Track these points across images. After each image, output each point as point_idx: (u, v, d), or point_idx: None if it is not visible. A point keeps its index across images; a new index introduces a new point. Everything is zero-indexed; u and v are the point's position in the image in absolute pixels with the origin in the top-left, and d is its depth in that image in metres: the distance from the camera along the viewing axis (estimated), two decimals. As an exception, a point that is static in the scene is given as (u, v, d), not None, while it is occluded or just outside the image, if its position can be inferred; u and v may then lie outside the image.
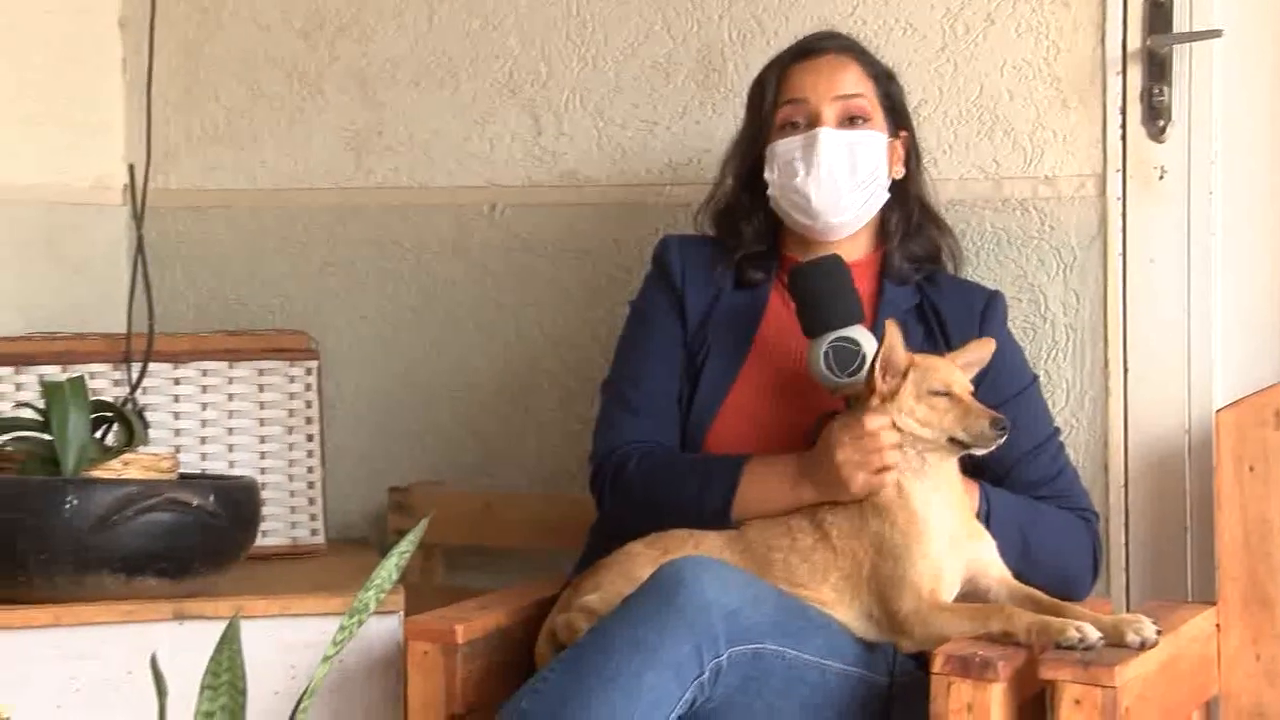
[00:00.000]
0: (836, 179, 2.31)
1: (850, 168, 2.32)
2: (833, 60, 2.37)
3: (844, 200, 2.33)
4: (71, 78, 3.11)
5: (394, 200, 3.03)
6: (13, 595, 2.36)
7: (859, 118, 2.34)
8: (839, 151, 2.32)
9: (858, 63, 2.38)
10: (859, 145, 2.33)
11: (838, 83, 2.35)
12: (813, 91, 2.34)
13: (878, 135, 2.35)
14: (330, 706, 2.35)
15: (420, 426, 3.01)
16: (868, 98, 2.36)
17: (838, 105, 2.34)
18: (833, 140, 2.32)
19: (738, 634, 2.00)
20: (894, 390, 2.14)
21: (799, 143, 2.33)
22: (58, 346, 2.84)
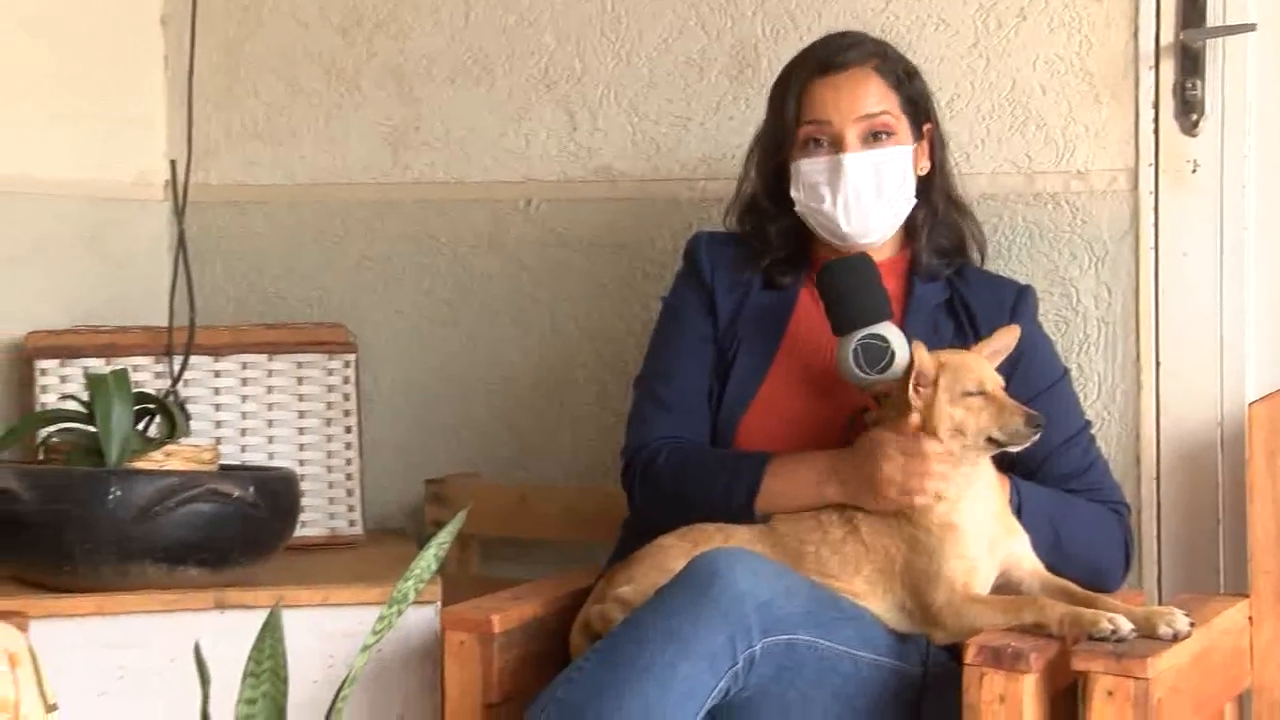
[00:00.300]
0: (864, 202, 2.31)
1: (876, 189, 2.31)
2: (854, 77, 2.32)
3: (872, 221, 2.32)
4: (114, 75, 3.12)
5: (430, 195, 3.03)
6: (58, 584, 2.39)
7: (883, 133, 2.32)
8: (864, 174, 2.30)
9: (878, 75, 2.33)
10: (884, 164, 2.31)
11: (860, 102, 2.31)
12: (835, 112, 2.31)
13: (902, 149, 2.33)
14: (369, 695, 2.37)
15: (456, 419, 3.01)
16: (891, 112, 2.33)
17: (861, 125, 2.31)
18: (857, 165, 2.29)
19: (771, 624, 2.00)
20: (928, 402, 2.13)
21: (823, 165, 2.31)
22: (101, 340, 2.86)
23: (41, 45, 2.96)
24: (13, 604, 2.27)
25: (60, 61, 3.00)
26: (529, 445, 2.96)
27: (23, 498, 2.37)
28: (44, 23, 2.97)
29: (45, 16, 2.97)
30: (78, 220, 3.05)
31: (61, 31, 3.00)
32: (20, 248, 2.94)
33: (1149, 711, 1.90)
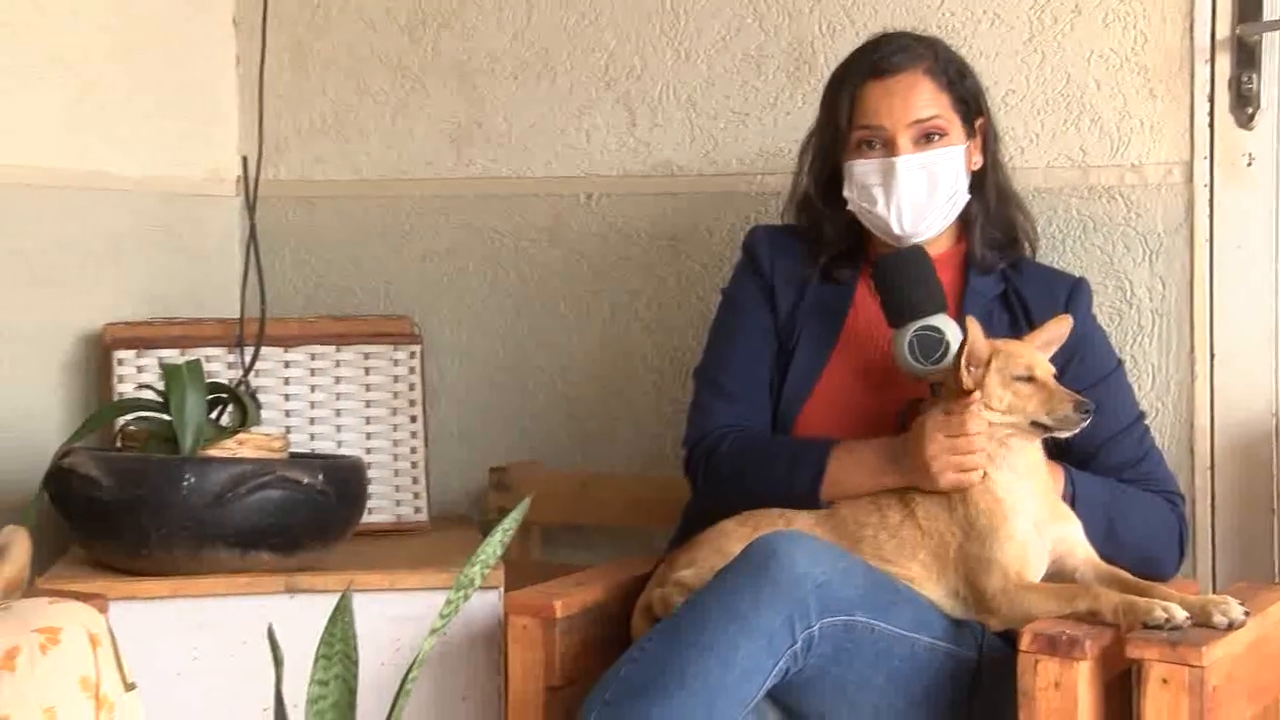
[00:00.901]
0: (916, 203, 2.30)
1: (929, 190, 2.30)
2: (906, 81, 2.30)
3: (925, 221, 2.31)
4: (188, 75, 3.13)
5: (494, 190, 3.04)
6: (136, 568, 2.41)
7: (935, 135, 2.30)
8: (916, 178, 2.28)
9: (929, 79, 2.31)
10: (936, 164, 2.30)
11: (912, 107, 2.29)
12: (888, 117, 2.29)
13: (954, 149, 2.31)
14: (434, 677, 2.37)
15: (519, 408, 3.02)
16: (942, 114, 2.31)
17: (914, 129, 2.29)
18: (910, 168, 2.28)
19: (829, 605, 1.99)
20: (979, 381, 2.12)
21: (876, 167, 2.30)
22: (176, 331, 2.88)
23: (118, 48, 2.98)
24: (92, 586, 2.28)
25: (136, 63, 3.02)
26: (589, 433, 2.96)
27: (102, 484, 2.39)
28: (120, 26, 2.99)
29: (122, 20, 2.99)
30: (153, 216, 3.06)
31: (137, 34, 3.02)
32: (98, 243, 2.96)
33: (1204, 699, 1.88)
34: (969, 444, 2.11)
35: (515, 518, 1.45)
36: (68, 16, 2.89)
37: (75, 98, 2.91)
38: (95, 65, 2.94)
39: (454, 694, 2.41)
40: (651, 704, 1.95)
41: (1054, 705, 1.93)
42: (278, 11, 3.11)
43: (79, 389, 2.92)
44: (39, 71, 2.84)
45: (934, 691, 2.08)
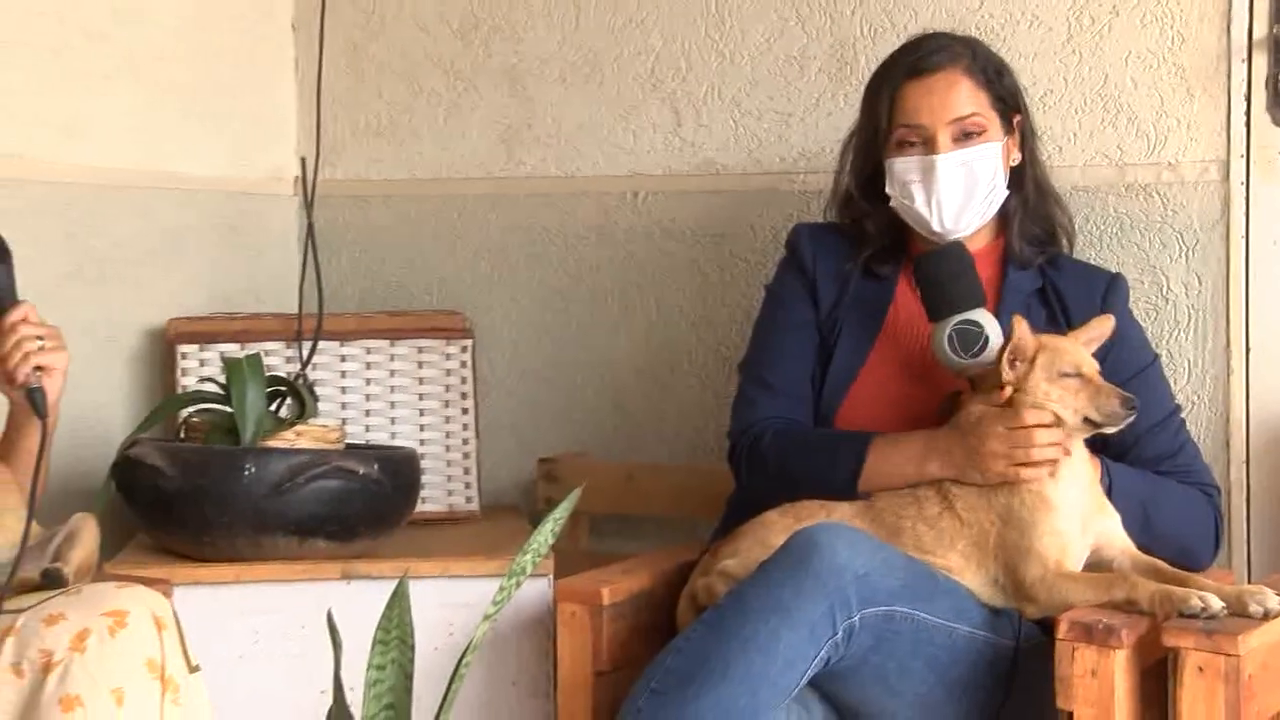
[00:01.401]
0: (955, 199, 2.28)
1: (968, 186, 2.28)
2: (945, 80, 2.28)
3: (964, 217, 2.30)
4: (247, 78, 3.15)
5: (543, 189, 3.04)
6: (198, 554, 2.43)
7: (974, 132, 2.29)
8: (955, 174, 2.27)
9: (968, 76, 2.30)
10: (975, 161, 2.28)
11: (951, 105, 2.28)
12: (928, 116, 2.28)
13: (992, 145, 2.30)
14: (486, 662, 2.38)
15: (567, 401, 3.02)
16: (981, 111, 2.29)
17: (953, 127, 2.28)
18: (949, 165, 2.27)
19: (869, 596, 1.99)
20: (1021, 376, 2.11)
21: (916, 165, 2.29)
22: (236, 326, 2.91)
23: (181, 52, 3.00)
24: (158, 572, 2.30)
25: (198, 67, 3.04)
26: (636, 426, 2.96)
27: (166, 473, 2.41)
28: (184, 31, 3.01)
29: (185, 25, 3.01)
30: (214, 214, 3.08)
31: (199, 38, 3.04)
32: (162, 240, 2.98)
33: (1240, 687, 1.87)
34: (1029, 438, 2.09)
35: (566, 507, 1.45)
36: (139, 25, 2.91)
37: (145, 102, 2.93)
38: (164, 71, 2.96)
39: (505, 678, 2.42)
40: (697, 693, 1.95)
41: (1091, 693, 1.92)
42: (334, 16, 3.13)
43: (144, 382, 2.94)
44: (112, 78, 2.87)
45: (972, 679, 2.07)
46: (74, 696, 1.91)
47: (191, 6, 3.02)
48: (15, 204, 2.64)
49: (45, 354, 2.12)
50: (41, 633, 1.94)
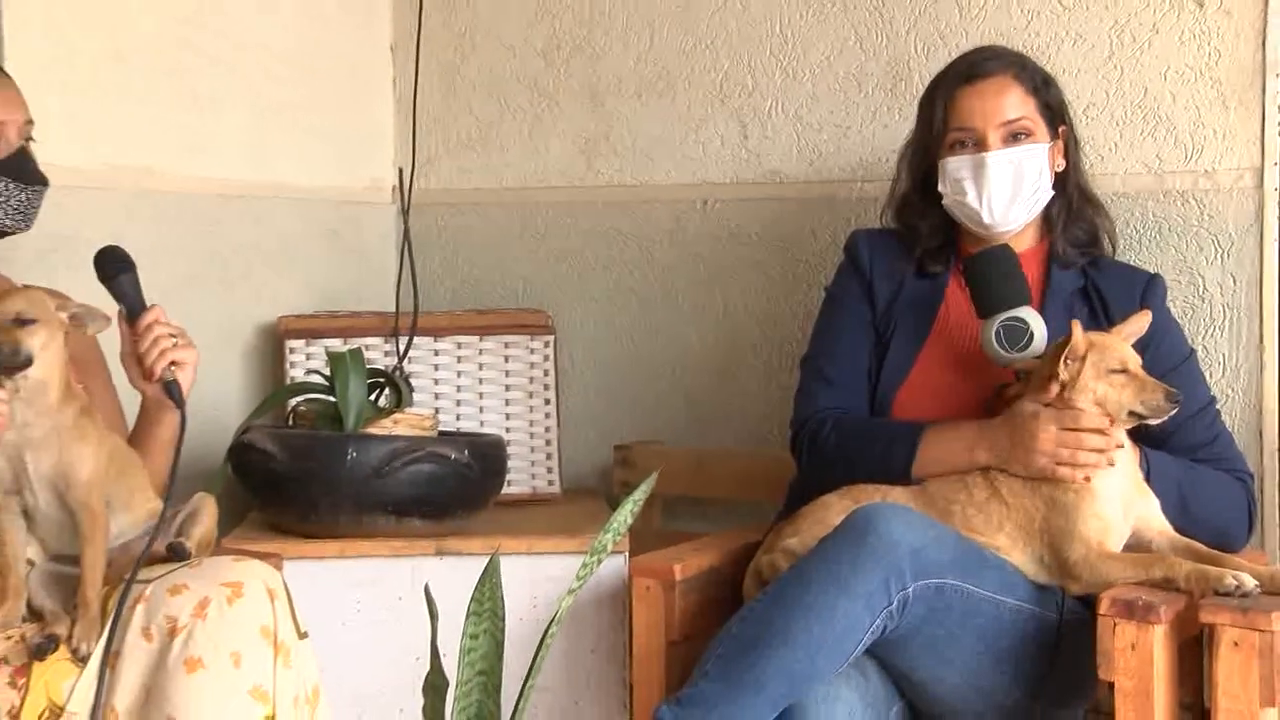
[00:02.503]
0: (1004, 195, 2.27)
1: (1015, 184, 2.27)
2: (996, 85, 2.28)
3: (1012, 213, 2.28)
4: (351, 97, 3.17)
5: (619, 197, 3.04)
6: (306, 531, 2.46)
7: (1021, 134, 2.28)
8: (1004, 171, 2.26)
9: (1018, 83, 2.29)
10: (1024, 160, 2.27)
11: (1001, 108, 2.27)
12: (980, 119, 2.27)
13: (1039, 147, 2.28)
14: (566, 633, 2.39)
15: (641, 392, 3.02)
16: (1029, 116, 2.28)
17: (1002, 129, 2.27)
18: (999, 163, 2.26)
19: (922, 569, 1.98)
20: (1075, 374, 2.09)
21: (968, 162, 2.27)
22: (340, 323, 2.93)
23: (291, 74, 3.03)
24: (270, 547, 2.32)
25: (306, 87, 3.06)
26: (704, 415, 2.95)
27: (277, 457, 2.43)
28: (293, 55, 3.03)
29: (294, 50, 3.03)
30: (320, 221, 3.11)
31: (307, 62, 3.06)
32: (273, 245, 3.01)
33: (1273, 661, 1.84)
34: (1078, 441, 2.08)
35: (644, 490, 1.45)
36: (254, 51, 2.94)
37: (258, 120, 2.96)
38: (275, 92, 2.99)
39: (584, 647, 2.43)
40: (761, 658, 1.95)
41: (1130, 665, 1.91)
42: (429, 39, 3.15)
43: (257, 374, 2.97)
44: (229, 98, 2.90)
45: (1018, 649, 2.06)
46: (197, 659, 1.93)
47: (299, 33, 3.05)
48: (145, 213, 2.68)
49: (178, 351, 2.14)
50: (167, 601, 1.97)
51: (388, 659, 2.38)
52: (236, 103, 2.91)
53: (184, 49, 2.82)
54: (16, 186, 2.16)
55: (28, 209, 2.18)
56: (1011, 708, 2.06)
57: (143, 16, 2.74)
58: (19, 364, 1.98)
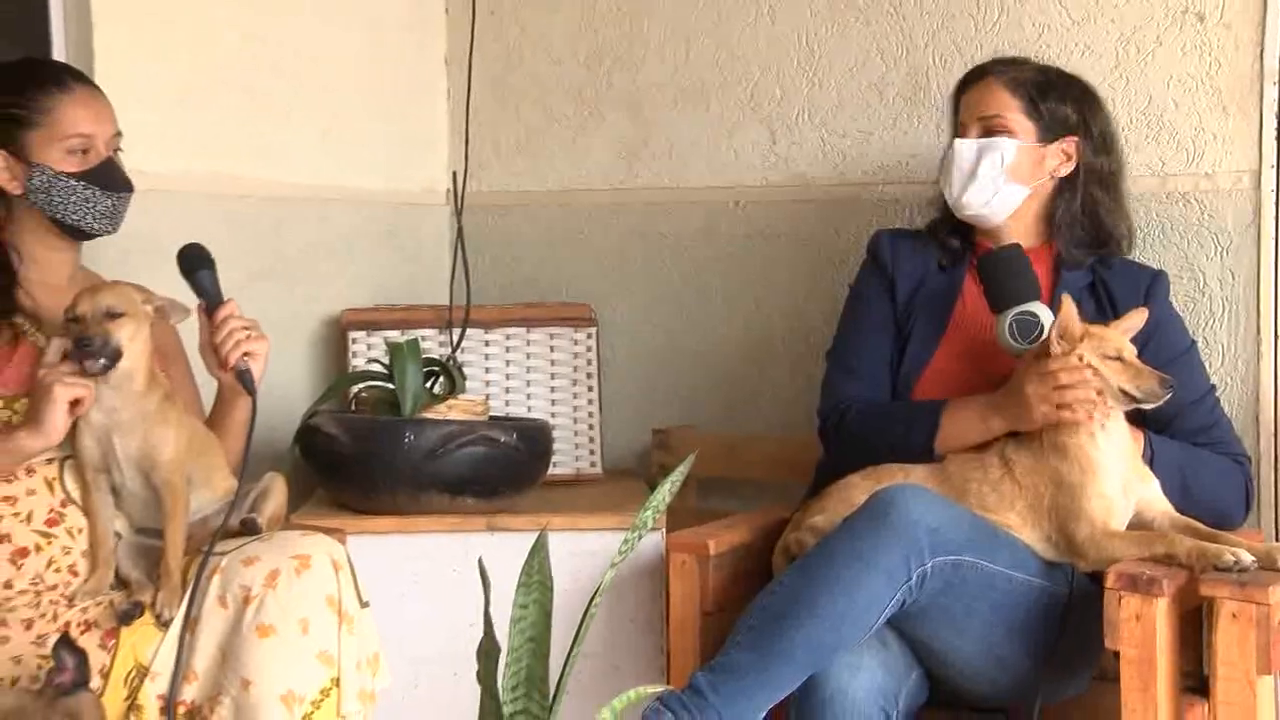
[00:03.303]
0: (962, 177, 2.29)
1: (973, 168, 2.28)
2: (983, 86, 2.32)
3: (969, 194, 2.30)
4: (408, 106, 3.18)
5: (657, 199, 3.04)
6: (367, 508, 2.46)
7: (998, 130, 2.29)
8: (968, 155, 2.29)
9: (1003, 88, 2.31)
10: (986, 150, 2.28)
11: (981, 106, 2.31)
12: (967, 114, 2.33)
13: (1011, 143, 2.28)
14: (608, 603, 2.39)
15: (677, 381, 3.02)
16: (1008, 115, 2.29)
17: (980, 124, 2.30)
18: (964, 147, 2.30)
19: (940, 547, 1.98)
20: (1065, 355, 2.09)
21: (947, 150, 2.34)
22: (397, 316, 2.93)
23: (351, 86, 3.04)
24: (334, 522, 2.34)
25: (366, 97, 3.07)
26: (736, 401, 2.95)
27: (340, 440, 2.44)
28: (353, 68, 3.04)
29: (354, 63, 3.05)
30: (379, 221, 3.12)
31: (366, 74, 3.07)
32: (337, 243, 3.02)
33: (1270, 632, 1.84)
34: (1055, 379, 2.08)
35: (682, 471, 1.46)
36: (317, 65, 2.96)
37: (321, 128, 2.98)
38: (336, 102, 3.00)
39: (624, 617, 2.43)
40: (789, 628, 1.96)
41: (1135, 635, 1.91)
42: (481, 53, 3.15)
43: (321, 363, 2.98)
44: (294, 108, 2.92)
45: (1030, 621, 2.06)
46: (268, 625, 1.95)
47: (360, 48, 3.06)
48: (217, 214, 2.70)
49: (251, 342, 2.16)
50: (241, 571, 1.99)
51: (442, 627, 2.39)
52: (302, 112, 2.93)
53: (255, 64, 2.83)
54: (104, 194, 2.18)
55: (114, 214, 2.21)
56: (1023, 675, 2.06)
57: (218, 35, 2.77)
58: (109, 355, 2.01)
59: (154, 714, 1.95)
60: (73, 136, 2.15)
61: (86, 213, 2.17)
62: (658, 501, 1.44)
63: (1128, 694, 1.91)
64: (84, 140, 2.16)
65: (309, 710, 1.94)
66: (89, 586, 2.05)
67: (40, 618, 1.99)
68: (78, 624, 1.98)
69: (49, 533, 2.06)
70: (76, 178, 2.15)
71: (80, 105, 2.17)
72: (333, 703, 1.96)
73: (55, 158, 2.15)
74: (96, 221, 2.19)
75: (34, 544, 2.05)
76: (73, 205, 2.16)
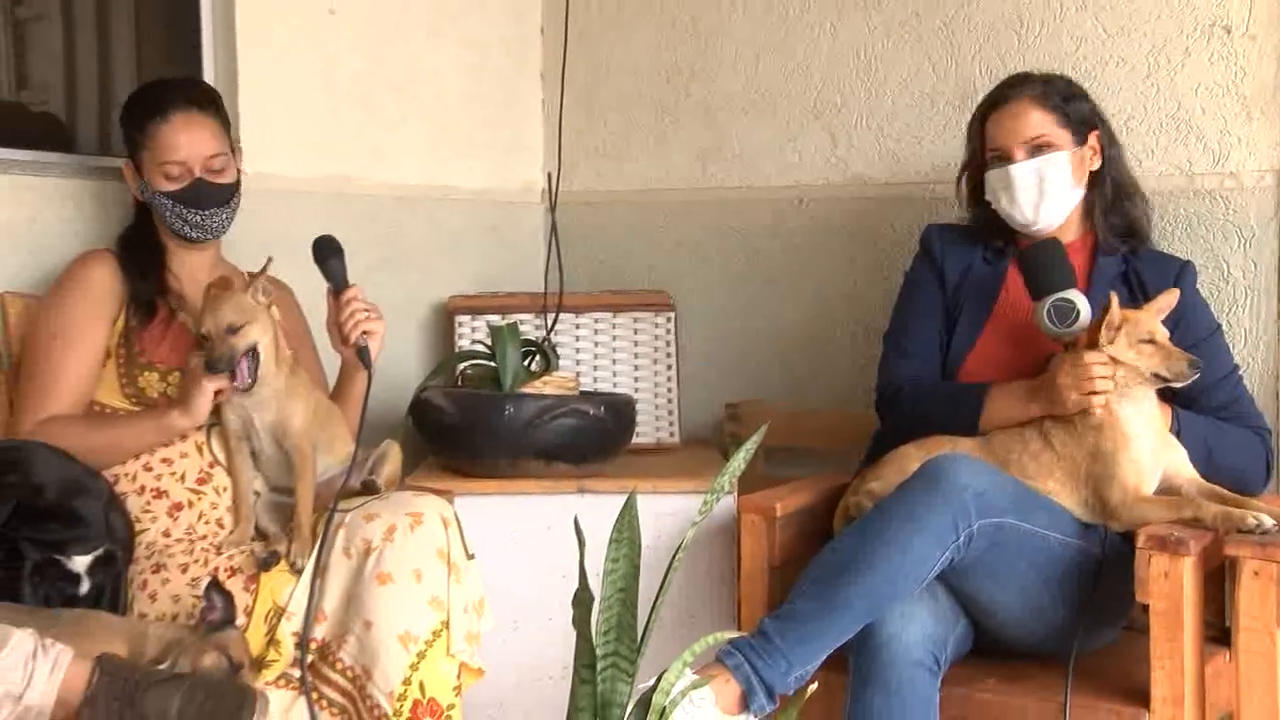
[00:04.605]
0: (1032, 199, 2.24)
1: (1040, 188, 2.23)
2: (1016, 109, 2.25)
3: (1043, 211, 2.25)
4: (507, 115, 3.19)
5: (729, 197, 3.03)
6: (472, 472, 2.49)
7: (1043, 147, 2.24)
8: (1029, 179, 2.23)
9: (1035, 104, 2.25)
10: (1044, 168, 2.23)
11: (1021, 128, 2.24)
12: (1005, 138, 2.25)
13: (1060, 154, 2.23)
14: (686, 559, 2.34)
15: (747, 359, 3.01)
16: (1048, 131, 2.24)
17: (1024, 145, 2.24)
18: (1023, 173, 2.23)
19: (985, 510, 1.97)
20: (1111, 342, 2.07)
21: (1001, 175, 2.26)
22: (498, 301, 2.95)
23: (457, 97, 3.06)
24: (443, 485, 2.36)
25: (470, 108, 3.09)
26: (800, 379, 2.94)
27: (448, 412, 2.46)
28: (459, 81, 3.06)
29: (460, 77, 3.06)
30: (482, 218, 3.13)
31: (470, 87, 3.09)
32: (446, 237, 3.04)
33: (1288, 588, 1.81)
34: (1087, 371, 2.06)
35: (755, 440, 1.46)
36: (426, 80, 2.98)
37: (430, 135, 3.00)
38: (444, 112, 3.02)
39: (700, 570, 2.43)
40: (848, 582, 1.95)
41: (1164, 590, 1.89)
42: (572, 67, 3.16)
43: (431, 343, 3.01)
44: (410, 118, 2.94)
45: (1066, 577, 2.04)
46: (387, 573, 1.99)
47: (465, 65, 3.07)
48: (342, 212, 2.73)
49: (370, 323, 2.20)
50: (362, 526, 2.02)
51: (538, 577, 2.40)
52: (415, 123, 2.95)
53: (374, 81, 2.86)
54: (190, 210, 2.20)
55: (204, 225, 2.22)
56: (1060, 625, 2.05)
57: (343, 57, 2.80)
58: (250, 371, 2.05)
59: (289, 649, 1.99)
60: (167, 163, 2.18)
61: (182, 224, 2.21)
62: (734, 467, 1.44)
63: (1156, 643, 1.90)
64: (178, 167, 2.18)
65: (422, 649, 1.97)
66: (233, 537, 2.09)
67: (194, 563, 2.04)
68: (225, 569, 2.03)
69: (199, 490, 2.11)
70: (168, 196, 2.19)
71: (175, 133, 2.18)
72: (443, 642, 1.99)
73: (156, 178, 2.19)
74: (192, 230, 2.23)
75: (187, 500, 2.10)
76: (170, 218, 2.20)
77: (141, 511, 2.07)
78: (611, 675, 1.36)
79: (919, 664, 1.94)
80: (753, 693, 1.90)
